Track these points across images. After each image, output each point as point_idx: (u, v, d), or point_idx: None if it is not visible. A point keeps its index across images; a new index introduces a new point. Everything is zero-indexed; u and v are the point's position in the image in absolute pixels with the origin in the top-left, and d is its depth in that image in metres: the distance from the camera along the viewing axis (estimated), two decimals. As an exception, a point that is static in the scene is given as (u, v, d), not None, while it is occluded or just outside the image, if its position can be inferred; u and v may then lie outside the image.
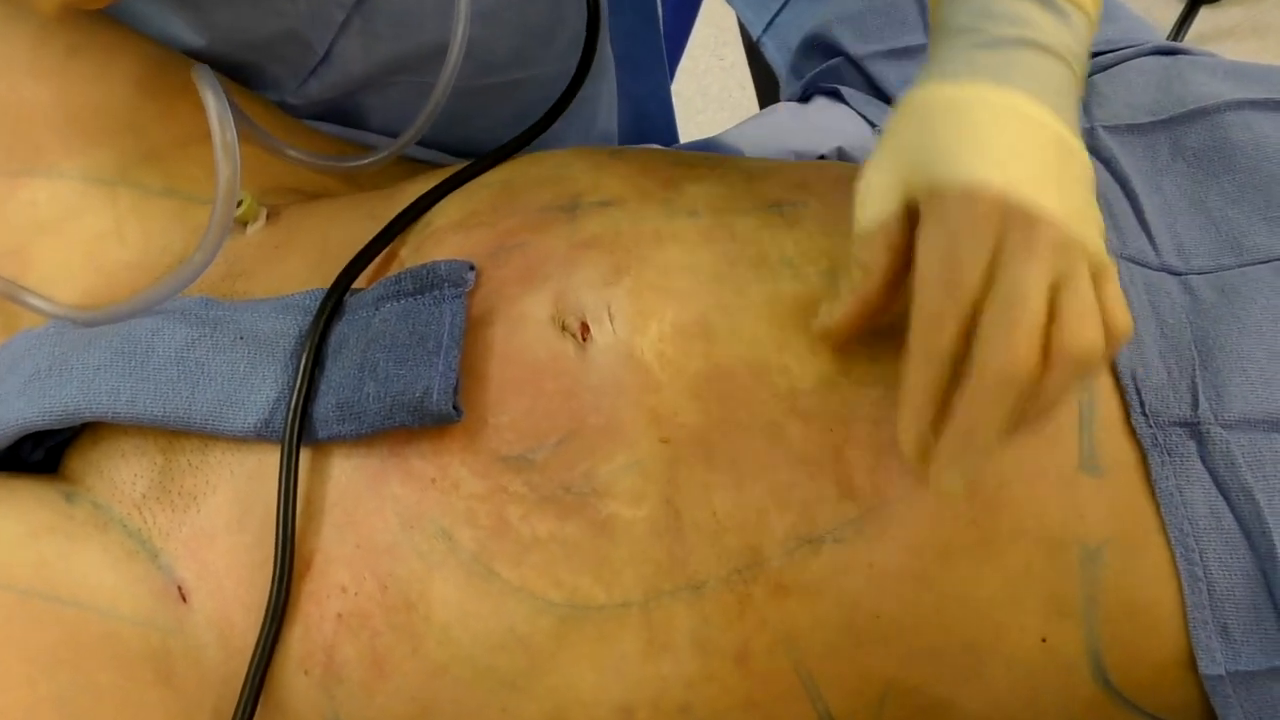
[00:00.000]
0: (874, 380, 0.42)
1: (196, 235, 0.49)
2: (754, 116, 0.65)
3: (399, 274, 0.43)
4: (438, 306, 0.41)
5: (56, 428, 0.42)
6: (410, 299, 0.42)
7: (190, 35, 0.53)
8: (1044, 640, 0.42)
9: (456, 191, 0.48)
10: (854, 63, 0.67)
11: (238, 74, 0.55)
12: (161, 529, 0.41)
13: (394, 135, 0.61)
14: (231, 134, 0.41)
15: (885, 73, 0.66)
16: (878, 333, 0.42)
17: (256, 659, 0.38)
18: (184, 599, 0.40)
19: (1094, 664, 0.42)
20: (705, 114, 1.42)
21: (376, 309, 0.42)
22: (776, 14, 0.74)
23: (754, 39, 0.75)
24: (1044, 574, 0.42)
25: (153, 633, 0.39)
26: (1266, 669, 0.41)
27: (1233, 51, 1.10)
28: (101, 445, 0.43)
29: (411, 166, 0.56)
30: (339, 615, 0.39)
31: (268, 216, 0.49)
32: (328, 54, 0.55)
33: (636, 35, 0.78)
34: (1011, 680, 0.42)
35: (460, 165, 0.50)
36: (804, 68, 0.70)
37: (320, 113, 0.59)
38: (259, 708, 0.39)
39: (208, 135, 0.51)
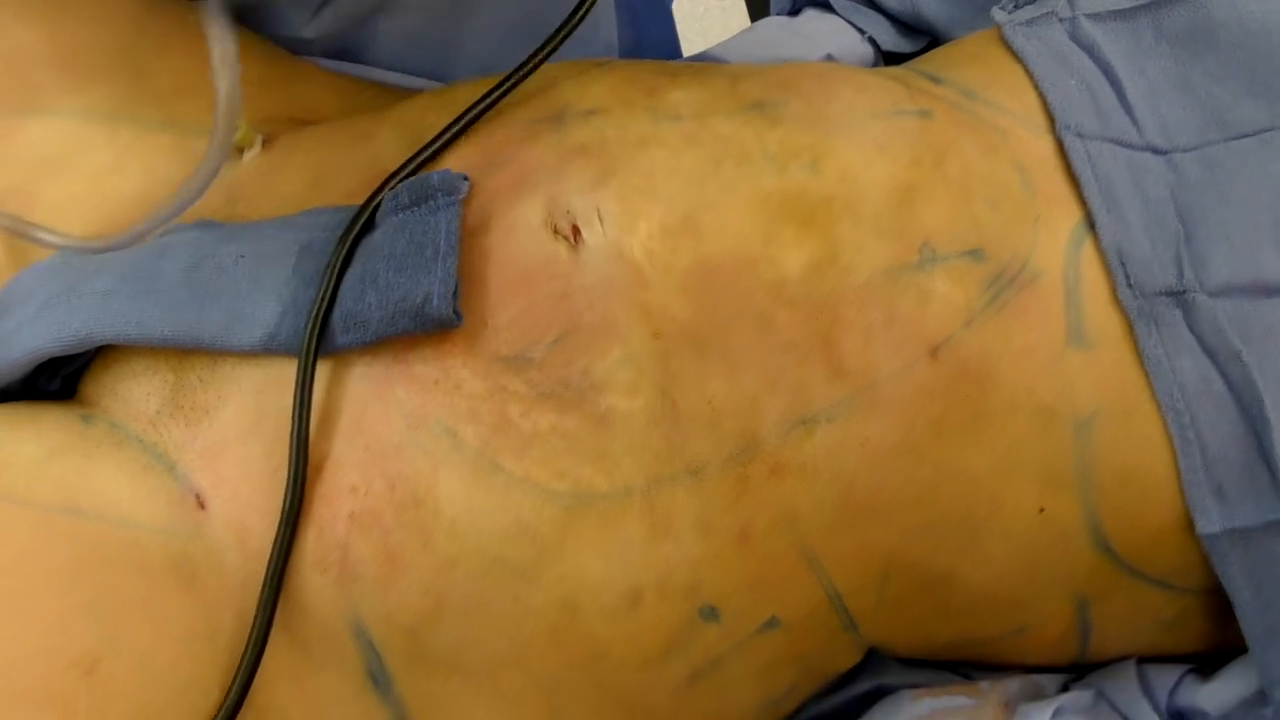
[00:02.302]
0: (859, 265, 0.42)
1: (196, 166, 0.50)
2: (742, 31, 0.66)
3: (397, 187, 0.43)
4: (433, 216, 0.42)
5: (70, 353, 0.43)
6: (406, 211, 0.43)
7: None
8: (1041, 510, 0.43)
9: (443, 106, 0.49)
10: (842, -29, 0.67)
11: (243, 13, 0.56)
12: (176, 442, 0.42)
13: (407, 69, 0.61)
14: (232, 46, 0.41)
15: (874, -20, 0.66)
16: (858, 221, 0.43)
17: (274, 561, 0.39)
18: (202, 506, 0.41)
19: (1093, 532, 0.43)
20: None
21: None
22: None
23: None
24: (1037, 446, 0.43)
25: (173, 540, 0.40)
26: (1261, 524, 0.42)
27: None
28: (114, 368, 0.45)
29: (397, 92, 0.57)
30: (351, 515, 0.40)
31: (263, 143, 0.50)
32: None
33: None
34: (1011, 551, 0.43)
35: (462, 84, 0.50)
36: (793, -21, 0.71)
37: (333, 48, 0.59)
38: (280, 609, 0.40)
39: (203, 70, 0.52)
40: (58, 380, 0.47)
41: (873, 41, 0.65)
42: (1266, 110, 0.48)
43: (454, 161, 0.45)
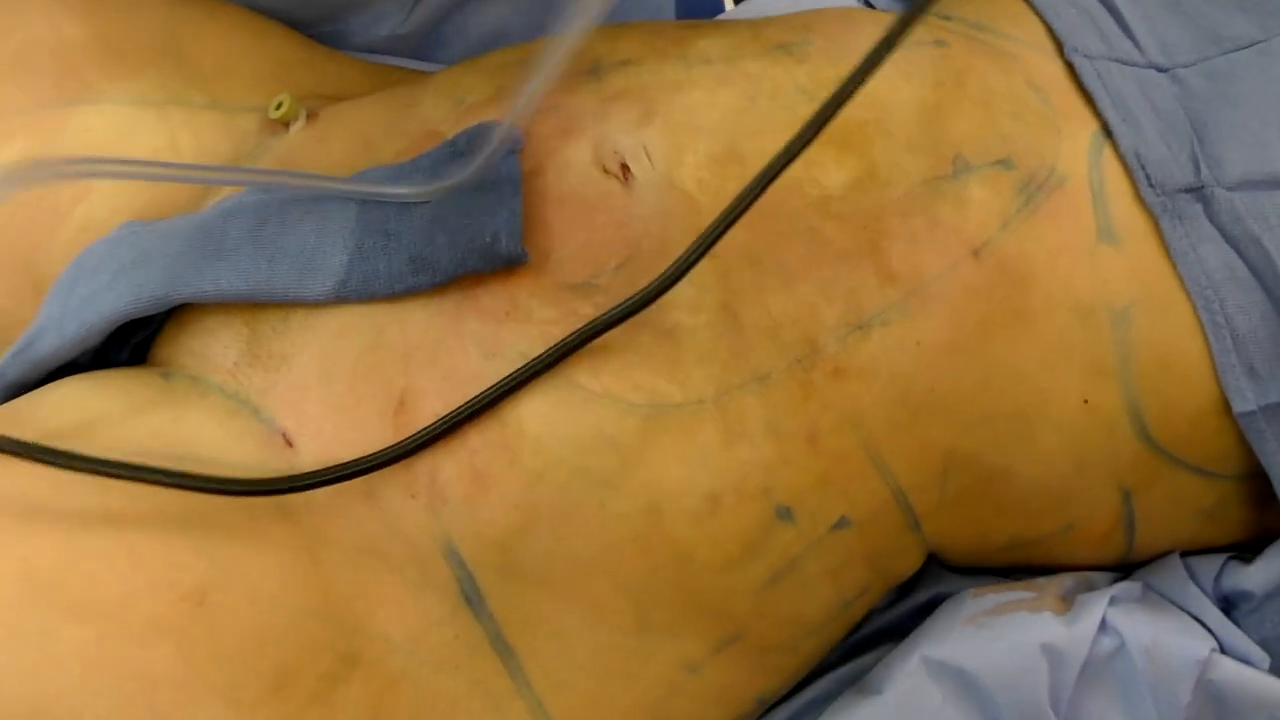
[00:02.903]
0: (898, 179, 0.45)
1: (245, 142, 0.52)
2: (745, 2, 0.69)
3: (455, 136, 0.45)
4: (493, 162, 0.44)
5: (148, 314, 0.45)
6: (465, 158, 0.45)
7: None
8: (1086, 401, 0.45)
9: (482, 70, 0.51)
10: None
11: (343, 11, 0.58)
12: (257, 388, 0.44)
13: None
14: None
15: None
16: (892, 140, 0.45)
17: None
18: (289, 444, 0.43)
19: (1135, 420, 0.46)
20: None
21: (434, 172, 0.45)
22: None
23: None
24: (1079, 338, 0.45)
25: (266, 476, 0.42)
26: (1295, 398, 0.45)
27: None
28: (188, 328, 0.46)
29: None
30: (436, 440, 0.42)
31: (307, 117, 0.52)
32: None
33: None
34: (1060, 443, 0.46)
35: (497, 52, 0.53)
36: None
37: (419, 45, 0.61)
38: (374, 537, 0.41)
39: (239, 50, 0.54)
40: (127, 350, 0.48)
41: (868, 4, 0.68)
42: (1258, 24, 0.51)
43: (499, 113, 0.47)
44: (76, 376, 0.46)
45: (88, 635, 0.38)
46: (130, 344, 0.48)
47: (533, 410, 0.42)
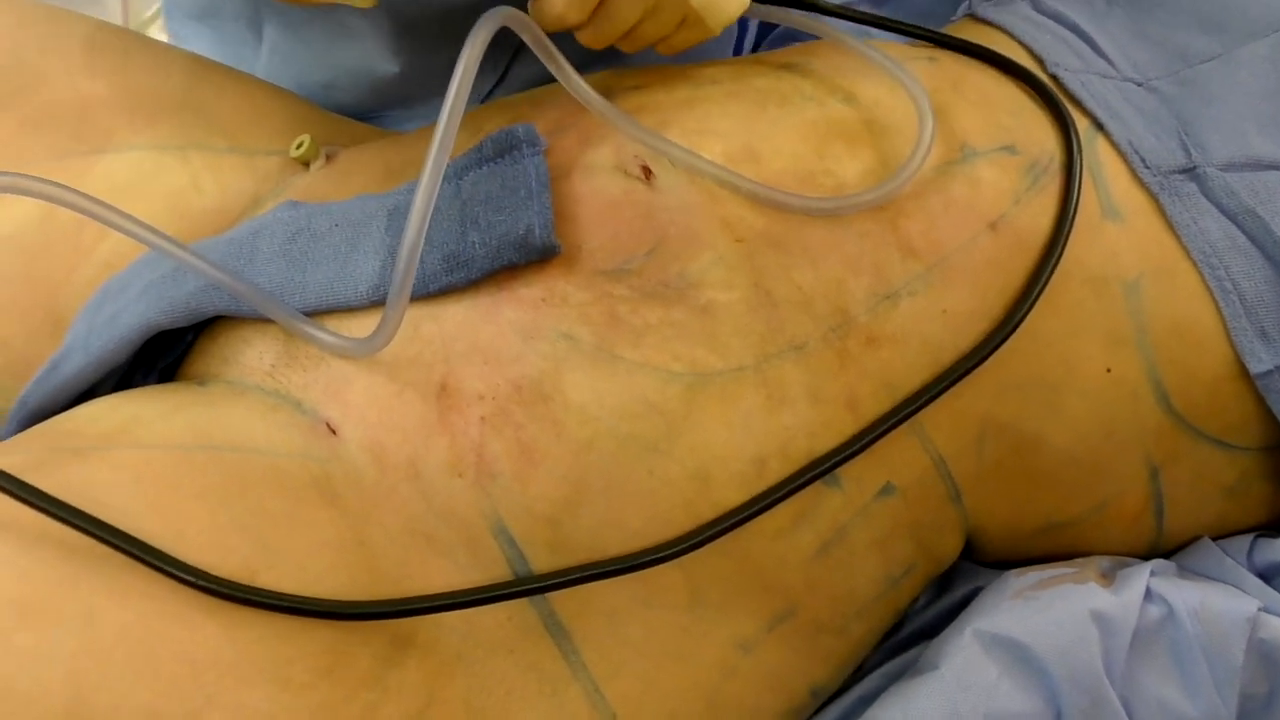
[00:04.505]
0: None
1: (267, 181, 0.53)
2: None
3: (480, 142, 0.47)
4: (520, 163, 0.45)
5: (180, 325, 0.45)
6: (492, 163, 0.46)
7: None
8: (1109, 370, 0.46)
9: (498, 108, 0.53)
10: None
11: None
12: (297, 385, 0.44)
13: None
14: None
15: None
16: (900, 135, 0.48)
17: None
18: (333, 432, 0.42)
19: (1156, 389, 0.47)
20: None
21: (461, 178, 0.46)
22: None
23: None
24: (1095, 309, 0.46)
25: (310, 462, 0.41)
26: (1306, 354, 0.46)
27: None
28: (220, 340, 0.46)
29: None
30: (481, 418, 0.42)
31: (327, 158, 0.53)
32: None
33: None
34: (1088, 411, 0.46)
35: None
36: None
37: None
38: (422, 519, 0.41)
39: (258, 106, 0.56)
40: (155, 375, 0.48)
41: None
42: (1218, 41, 0.55)
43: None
44: (107, 396, 0.46)
45: (130, 617, 0.36)
46: (158, 369, 0.48)
47: (576, 382, 0.42)
